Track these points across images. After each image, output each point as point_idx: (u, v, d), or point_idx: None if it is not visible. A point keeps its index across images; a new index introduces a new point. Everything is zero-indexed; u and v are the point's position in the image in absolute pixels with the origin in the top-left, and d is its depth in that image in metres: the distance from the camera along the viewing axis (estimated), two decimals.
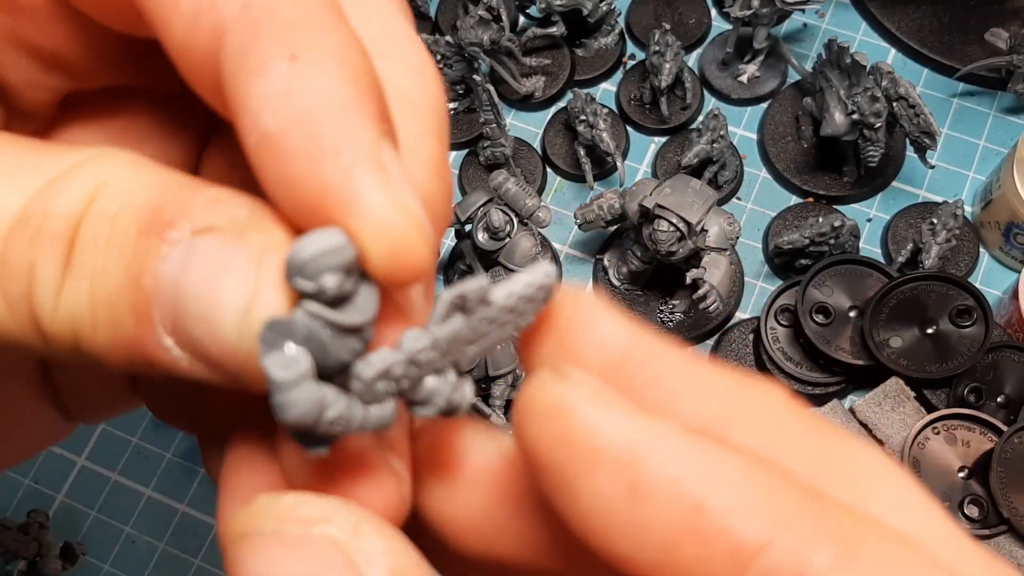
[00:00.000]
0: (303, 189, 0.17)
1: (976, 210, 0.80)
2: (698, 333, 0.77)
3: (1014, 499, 0.63)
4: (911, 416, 0.68)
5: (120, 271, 0.18)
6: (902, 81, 0.72)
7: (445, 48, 0.81)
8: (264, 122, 0.17)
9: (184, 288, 0.17)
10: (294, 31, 0.17)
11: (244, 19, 0.18)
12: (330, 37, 0.18)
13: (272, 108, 0.17)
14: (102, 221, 0.18)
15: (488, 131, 0.79)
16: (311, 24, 0.18)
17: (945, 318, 0.71)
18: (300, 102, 0.17)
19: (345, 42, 0.18)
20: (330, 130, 0.17)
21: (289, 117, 0.17)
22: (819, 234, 0.73)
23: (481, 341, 0.19)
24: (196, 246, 0.18)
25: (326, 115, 0.17)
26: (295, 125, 0.17)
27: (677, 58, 0.80)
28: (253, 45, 0.17)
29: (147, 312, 0.18)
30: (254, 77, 0.17)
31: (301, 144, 0.17)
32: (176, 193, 0.18)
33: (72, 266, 0.18)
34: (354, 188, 0.17)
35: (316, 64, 0.17)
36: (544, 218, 0.69)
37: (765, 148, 0.83)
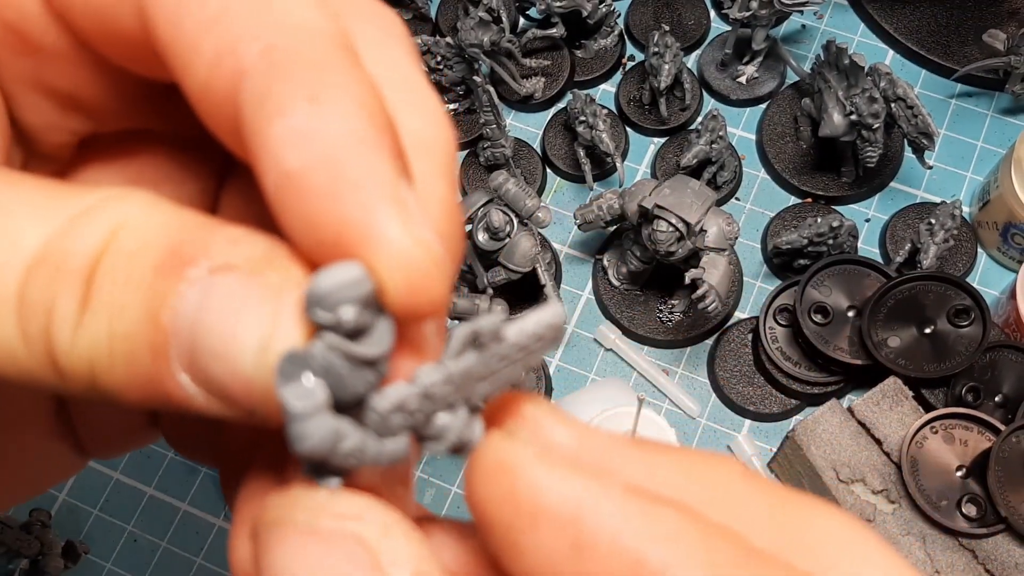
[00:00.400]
0: (324, 225, 0.18)
1: (974, 210, 0.80)
2: (697, 333, 0.77)
3: (1012, 498, 0.64)
4: (909, 415, 0.68)
5: (138, 308, 0.18)
6: (900, 82, 0.72)
7: (445, 49, 0.81)
8: (286, 161, 0.18)
9: (202, 325, 0.18)
10: (313, 74, 0.18)
11: (264, 63, 0.18)
12: (347, 79, 0.18)
13: (294, 148, 0.18)
14: (121, 259, 0.18)
15: (488, 132, 0.79)
16: (329, 67, 0.18)
17: (943, 318, 0.71)
18: (321, 142, 0.18)
19: (361, 84, 0.19)
20: (350, 168, 0.18)
21: (311, 156, 0.17)
22: (817, 234, 0.74)
23: (492, 378, 0.19)
24: (214, 284, 0.18)
25: (346, 154, 0.18)
26: (317, 164, 0.17)
27: (676, 59, 0.80)
28: (273, 87, 0.18)
29: (164, 349, 0.18)
30: (275, 118, 0.18)
31: (323, 182, 0.17)
32: (194, 232, 0.18)
33: (91, 303, 0.18)
34: (374, 223, 0.17)
35: (335, 105, 0.18)
36: (544, 218, 0.69)
37: (764, 149, 0.83)
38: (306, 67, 0.18)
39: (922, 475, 0.66)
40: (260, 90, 0.18)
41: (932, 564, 0.64)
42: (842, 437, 0.68)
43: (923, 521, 0.65)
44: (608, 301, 0.78)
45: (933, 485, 0.66)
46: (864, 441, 0.68)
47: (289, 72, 0.18)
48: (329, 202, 0.17)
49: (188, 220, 0.19)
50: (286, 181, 0.18)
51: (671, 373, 0.77)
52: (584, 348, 0.78)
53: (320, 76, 0.18)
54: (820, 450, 0.67)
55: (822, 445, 0.67)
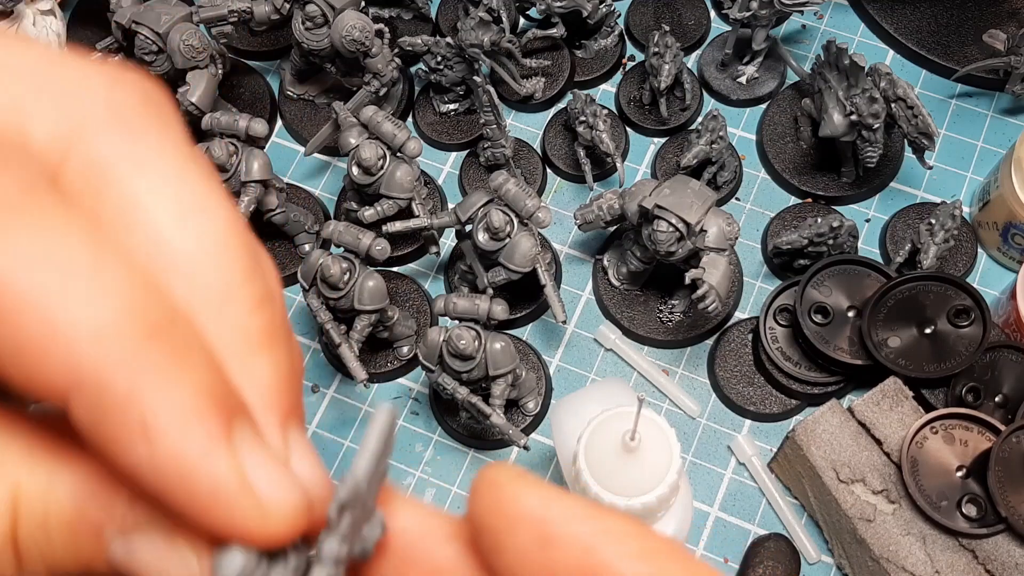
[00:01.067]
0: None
1: (974, 210, 0.80)
2: (697, 333, 0.77)
3: (1012, 498, 0.64)
4: (909, 416, 0.68)
5: (73, 563, 0.20)
6: (900, 82, 0.72)
7: (445, 49, 0.81)
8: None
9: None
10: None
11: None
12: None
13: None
14: (37, 530, 0.20)
15: (488, 132, 0.79)
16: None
17: (943, 318, 0.71)
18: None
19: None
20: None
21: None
22: (818, 234, 0.74)
23: (370, 498, 0.21)
24: (137, 543, 0.20)
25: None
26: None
27: (676, 59, 0.80)
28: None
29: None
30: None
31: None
32: (94, 492, 0.20)
33: (24, 564, 0.20)
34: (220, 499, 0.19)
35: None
36: (544, 218, 0.69)
37: (764, 149, 0.83)
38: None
39: (922, 475, 0.66)
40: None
41: (932, 564, 0.64)
42: (842, 437, 0.68)
43: (923, 521, 0.65)
44: (608, 301, 0.78)
45: (933, 485, 0.66)
46: (864, 441, 0.68)
47: None
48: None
49: (78, 481, 0.20)
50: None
51: (671, 373, 0.77)
52: (584, 348, 0.78)
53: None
54: (820, 450, 0.67)
55: (822, 445, 0.67)
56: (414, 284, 0.80)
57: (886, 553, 0.64)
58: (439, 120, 0.87)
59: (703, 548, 0.72)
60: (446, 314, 0.69)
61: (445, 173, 0.86)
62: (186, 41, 0.75)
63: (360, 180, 0.72)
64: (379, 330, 0.73)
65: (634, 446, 0.52)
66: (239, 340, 0.21)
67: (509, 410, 0.74)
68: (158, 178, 0.21)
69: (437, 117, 0.87)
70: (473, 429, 0.74)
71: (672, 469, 0.53)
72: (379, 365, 0.77)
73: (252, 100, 0.88)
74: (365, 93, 0.81)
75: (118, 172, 0.20)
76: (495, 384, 0.67)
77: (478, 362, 0.66)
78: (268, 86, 0.89)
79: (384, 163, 0.72)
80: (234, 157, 0.71)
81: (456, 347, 0.64)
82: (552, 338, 0.79)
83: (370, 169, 0.72)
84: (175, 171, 0.21)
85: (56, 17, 0.89)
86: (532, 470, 0.75)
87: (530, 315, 0.79)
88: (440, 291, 0.81)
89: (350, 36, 0.76)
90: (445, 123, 0.86)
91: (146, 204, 0.20)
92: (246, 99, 0.88)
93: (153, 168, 0.21)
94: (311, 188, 0.85)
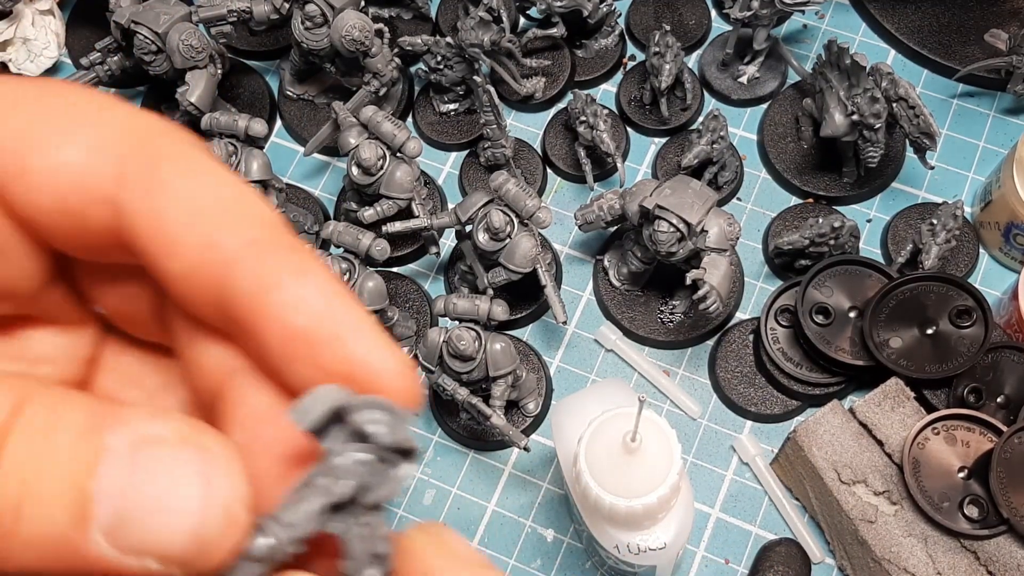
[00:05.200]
0: (335, 364, 0.23)
1: (976, 211, 0.80)
2: (698, 334, 0.77)
3: (1014, 499, 0.63)
4: (911, 416, 0.68)
5: (60, 475, 0.20)
6: (902, 82, 0.72)
7: (445, 49, 0.81)
8: (293, 320, 0.23)
9: (136, 493, 0.20)
10: (292, 255, 0.23)
11: (252, 251, 0.23)
12: (309, 254, 0.24)
13: (296, 310, 0.23)
14: (34, 429, 0.20)
15: (488, 132, 0.79)
16: (296, 247, 0.24)
17: (945, 319, 0.71)
18: (318, 304, 0.23)
19: (315, 256, 0.24)
20: (345, 319, 0.23)
21: (316, 313, 0.23)
22: (819, 235, 0.73)
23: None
24: (146, 454, 0.20)
25: (339, 309, 0.23)
26: (322, 319, 0.23)
27: (677, 59, 0.80)
28: (265, 268, 0.23)
29: (86, 514, 0.20)
30: (273, 290, 0.23)
31: (328, 332, 0.23)
32: (106, 408, 0.21)
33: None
34: (380, 358, 0.23)
35: (317, 275, 0.23)
36: (544, 219, 0.69)
37: (765, 149, 0.83)
38: (286, 249, 0.23)
39: (924, 476, 0.66)
40: (254, 271, 0.23)
41: (934, 566, 0.64)
42: (844, 438, 0.67)
43: (925, 522, 0.65)
44: (609, 302, 0.78)
45: (935, 486, 0.65)
46: (866, 442, 0.67)
47: (275, 256, 0.23)
48: (338, 346, 0.23)
49: (91, 400, 0.21)
50: (294, 335, 0.23)
51: (672, 374, 0.77)
52: (585, 349, 0.78)
53: (299, 256, 0.23)
54: (821, 451, 0.67)
55: (823, 446, 0.67)
56: (414, 284, 0.80)
57: (888, 554, 0.64)
58: (439, 120, 0.86)
59: (704, 549, 0.71)
60: (446, 315, 0.68)
61: (445, 173, 0.86)
62: (185, 41, 0.75)
63: (360, 180, 0.72)
64: None
65: (635, 447, 0.52)
66: None
67: (509, 411, 0.73)
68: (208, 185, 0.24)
69: (437, 117, 0.86)
70: (473, 430, 0.74)
71: (673, 470, 0.52)
72: None
73: (251, 100, 0.88)
74: (365, 93, 0.80)
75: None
76: (495, 385, 0.67)
77: (478, 363, 0.65)
78: (267, 86, 0.89)
79: (384, 163, 0.72)
80: (233, 157, 0.71)
81: (456, 348, 0.64)
82: (552, 339, 0.79)
83: (370, 169, 0.71)
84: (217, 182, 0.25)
85: (55, 17, 0.89)
86: (533, 471, 0.74)
87: (530, 316, 0.78)
88: (440, 292, 0.81)
89: (350, 36, 0.76)
90: (445, 123, 0.86)
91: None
92: (245, 99, 0.88)
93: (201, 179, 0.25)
94: (311, 188, 0.85)
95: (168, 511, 0.20)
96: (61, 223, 0.23)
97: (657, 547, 0.56)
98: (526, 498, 0.74)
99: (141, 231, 0.23)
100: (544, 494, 0.74)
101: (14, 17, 0.86)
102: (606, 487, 0.53)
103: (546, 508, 0.73)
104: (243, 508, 0.21)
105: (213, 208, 0.23)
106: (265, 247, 0.23)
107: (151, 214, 0.23)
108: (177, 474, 0.20)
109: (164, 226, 0.23)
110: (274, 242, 0.23)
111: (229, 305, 0.23)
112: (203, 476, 0.20)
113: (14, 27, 0.86)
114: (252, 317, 0.23)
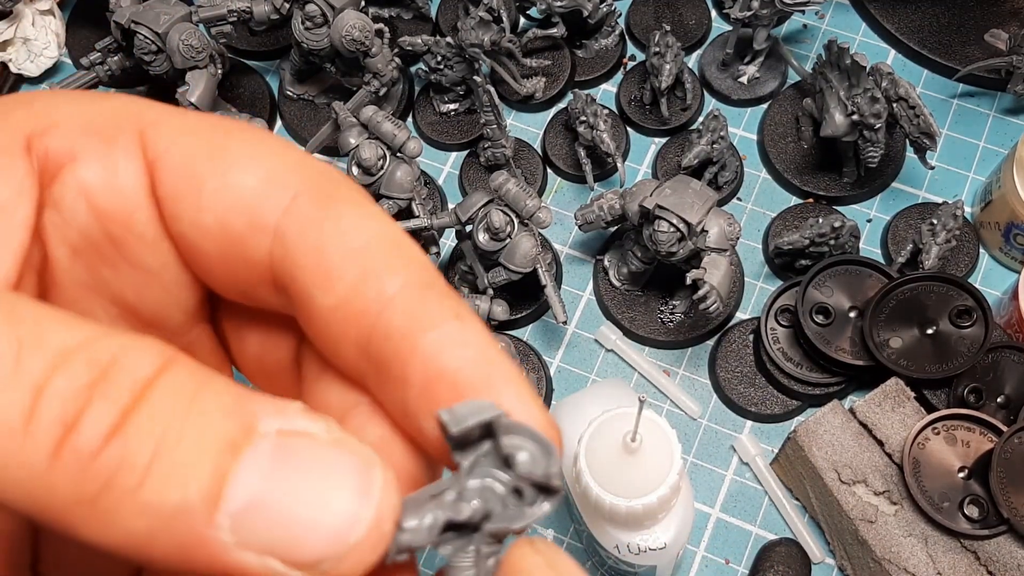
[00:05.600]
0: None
1: (976, 211, 0.80)
2: (698, 334, 0.77)
3: (1014, 499, 0.63)
4: (911, 416, 0.68)
5: (200, 446, 0.18)
6: (902, 82, 0.72)
7: (446, 49, 0.81)
8: (443, 362, 0.22)
9: (278, 486, 0.19)
10: (451, 300, 0.23)
11: (410, 291, 0.23)
12: (468, 306, 0.24)
13: (450, 352, 0.22)
14: (179, 391, 0.19)
15: (489, 132, 0.79)
16: (456, 297, 0.24)
17: (945, 319, 0.71)
18: (471, 349, 0.23)
19: (472, 309, 0.25)
20: (498, 369, 0.23)
21: (468, 359, 0.22)
22: (819, 235, 0.73)
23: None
24: (300, 448, 0.19)
25: (493, 356, 0.23)
26: (475, 364, 0.23)
27: (677, 59, 0.80)
28: (424, 309, 0.23)
29: (218, 492, 0.18)
30: (429, 331, 0.23)
31: (478, 377, 0.23)
32: (260, 395, 0.20)
33: (133, 421, 0.18)
34: (528, 412, 0.23)
35: (473, 321, 0.23)
36: (545, 219, 0.69)
37: (765, 149, 0.83)
38: (443, 295, 0.23)
39: (924, 476, 0.66)
40: (410, 311, 0.23)
41: (934, 566, 0.64)
42: (844, 438, 0.67)
43: (925, 523, 0.65)
44: (609, 302, 0.78)
45: (935, 486, 0.65)
46: (866, 442, 0.67)
47: (431, 298, 0.23)
48: (485, 393, 0.22)
49: (244, 387, 0.20)
50: (442, 377, 0.22)
51: (672, 374, 0.77)
52: (585, 349, 0.78)
53: (451, 301, 0.23)
54: (822, 451, 0.67)
55: (824, 446, 0.67)
56: None
57: (888, 554, 0.64)
58: (439, 120, 0.86)
59: (704, 549, 0.71)
60: None
61: (445, 173, 0.86)
62: (185, 41, 0.75)
63: (360, 180, 0.72)
64: None
65: (635, 447, 0.52)
66: None
67: None
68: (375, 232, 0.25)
69: (437, 117, 0.86)
70: None
71: (673, 470, 0.52)
72: None
73: (251, 100, 0.88)
74: (365, 93, 0.80)
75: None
76: None
77: None
78: (267, 86, 0.89)
79: (384, 163, 0.72)
80: None
81: None
82: (553, 339, 0.79)
83: (370, 169, 0.71)
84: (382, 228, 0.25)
85: (55, 17, 0.89)
86: None
87: (530, 316, 0.78)
88: None
89: (350, 36, 0.76)
90: (445, 123, 0.86)
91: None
92: (245, 99, 0.88)
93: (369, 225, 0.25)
94: None
95: (315, 511, 0.19)
96: (222, 249, 0.23)
97: (657, 547, 0.56)
98: None
99: (300, 263, 0.23)
100: None
101: (14, 17, 0.86)
102: (606, 487, 0.53)
103: None
104: (393, 523, 0.20)
105: (374, 248, 0.23)
106: (422, 290, 0.23)
107: (313, 246, 0.23)
108: (331, 474, 0.19)
109: (324, 259, 0.23)
110: (431, 286, 0.23)
111: (378, 343, 0.23)
112: (359, 481, 0.19)
113: (14, 27, 0.86)
114: (401, 355, 0.23)
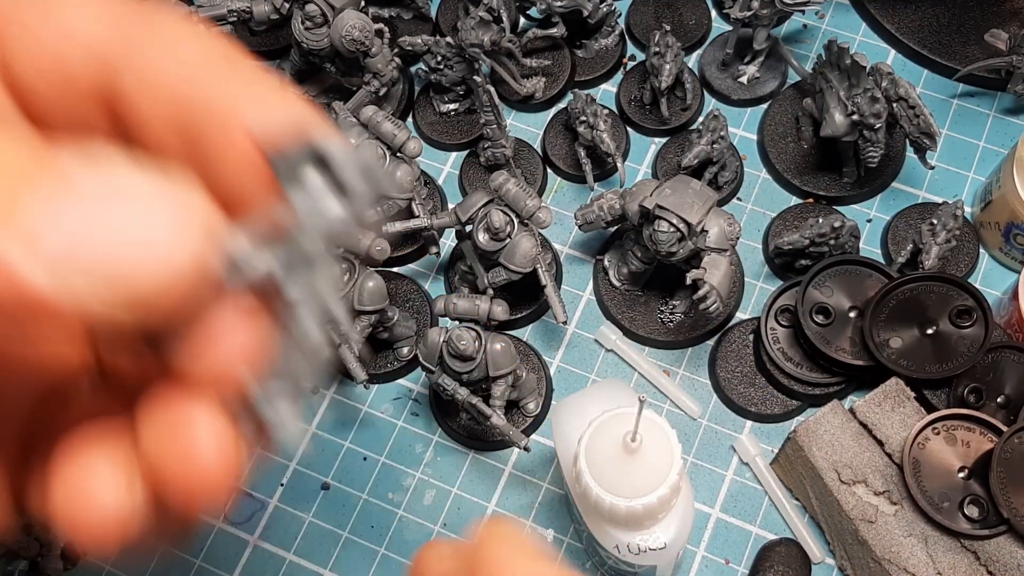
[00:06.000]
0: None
1: (976, 211, 0.80)
2: (698, 334, 0.77)
3: (1014, 499, 0.63)
4: (911, 416, 0.68)
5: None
6: (902, 82, 0.72)
7: (446, 49, 0.81)
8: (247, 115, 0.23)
9: (88, 219, 0.17)
10: (255, 67, 0.25)
11: (218, 63, 0.24)
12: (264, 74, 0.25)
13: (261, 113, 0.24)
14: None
15: (488, 132, 0.79)
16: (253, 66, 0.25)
17: (945, 319, 0.71)
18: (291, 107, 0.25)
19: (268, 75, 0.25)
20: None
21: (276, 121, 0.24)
22: (819, 235, 0.73)
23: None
24: (103, 179, 0.18)
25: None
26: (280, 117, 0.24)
27: (677, 59, 0.80)
28: (237, 77, 0.24)
29: (8, 219, 0.17)
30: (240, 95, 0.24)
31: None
32: (39, 143, 0.20)
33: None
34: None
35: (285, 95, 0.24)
36: (545, 219, 0.69)
37: (765, 149, 0.83)
38: (247, 64, 0.24)
39: (924, 476, 0.66)
40: (223, 79, 0.23)
41: (934, 566, 0.64)
42: (844, 438, 0.67)
43: (925, 523, 0.65)
44: (609, 302, 0.78)
45: (935, 486, 0.65)
46: (866, 442, 0.67)
47: (240, 67, 0.24)
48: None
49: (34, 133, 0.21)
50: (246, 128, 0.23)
51: (672, 374, 0.77)
52: (585, 349, 0.78)
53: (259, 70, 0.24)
54: (822, 451, 0.67)
55: (824, 446, 0.67)
56: (414, 284, 0.80)
57: (888, 554, 0.64)
58: (439, 120, 0.86)
59: (704, 550, 0.71)
60: (446, 315, 0.68)
61: (445, 173, 0.86)
62: None
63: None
64: (379, 331, 0.73)
65: (635, 447, 0.52)
66: None
67: (509, 411, 0.73)
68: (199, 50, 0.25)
69: (437, 117, 0.86)
70: (473, 430, 0.74)
71: (673, 470, 0.52)
72: (379, 366, 0.77)
73: None
74: (365, 93, 0.80)
75: None
76: (495, 385, 0.67)
77: (478, 363, 0.65)
78: None
79: (384, 163, 0.72)
80: None
81: (456, 348, 0.64)
82: (553, 339, 0.79)
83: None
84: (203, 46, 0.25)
85: None
86: (533, 471, 0.74)
87: (530, 316, 0.78)
88: (440, 292, 0.81)
89: (350, 36, 0.76)
90: (445, 123, 0.86)
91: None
92: None
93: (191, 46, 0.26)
94: None
95: (132, 242, 0.17)
96: (52, 79, 0.24)
97: (657, 547, 0.56)
98: (526, 498, 0.74)
99: (127, 77, 0.23)
100: (544, 494, 0.74)
101: None
102: (606, 487, 0.53)
103: (546, 508, 0.73)
104: (215, 243, 0.19)
105: (196, 56, 0.24)
106: (228, 61, 0.24)
107: (139, 59, 0.24)
108: (143, 200, 0.18)
109: (146, 70, 0.23)
110: (234, 59, 0.24)
111: (193, 113, 0.23)
112: (175, 205, 0.18)
113: None
114: (219, 119, 0.23)
